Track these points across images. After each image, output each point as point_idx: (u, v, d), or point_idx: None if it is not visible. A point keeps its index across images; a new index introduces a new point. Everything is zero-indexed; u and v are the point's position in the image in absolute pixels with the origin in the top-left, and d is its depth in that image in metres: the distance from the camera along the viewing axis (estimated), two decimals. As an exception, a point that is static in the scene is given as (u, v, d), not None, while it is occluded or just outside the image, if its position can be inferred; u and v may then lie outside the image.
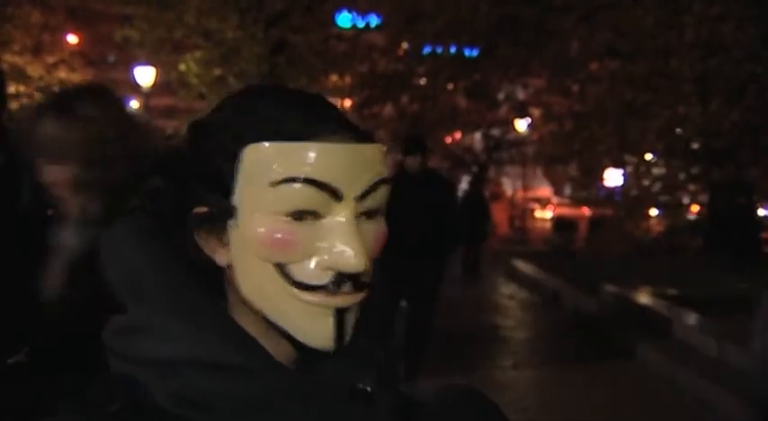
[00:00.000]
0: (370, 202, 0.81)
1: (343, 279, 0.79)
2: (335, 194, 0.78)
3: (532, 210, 32.32)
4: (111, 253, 0.84)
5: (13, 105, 20.52)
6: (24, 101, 20.72)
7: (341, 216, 0.79)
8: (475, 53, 22.23)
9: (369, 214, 0.82)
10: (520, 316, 10.33)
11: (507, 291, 12.67)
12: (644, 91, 11.62)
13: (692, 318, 7.51)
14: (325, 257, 0.78)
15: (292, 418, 0.79)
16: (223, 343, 0.79)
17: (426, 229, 5.70)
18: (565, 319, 9.84)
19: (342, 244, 0.78)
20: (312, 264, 0.79)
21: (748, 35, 9.58)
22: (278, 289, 0.79)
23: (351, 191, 0.79)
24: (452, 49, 22.35)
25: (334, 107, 0.86)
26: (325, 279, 0.79)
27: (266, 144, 0.78)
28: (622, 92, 12.04)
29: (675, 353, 6.80)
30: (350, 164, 0.79)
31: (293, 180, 0.77)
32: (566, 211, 27.72)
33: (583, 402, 5.92)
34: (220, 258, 0.82)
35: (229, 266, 0.82)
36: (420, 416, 0.91)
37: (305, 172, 0.77)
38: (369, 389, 0.85)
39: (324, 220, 0.79)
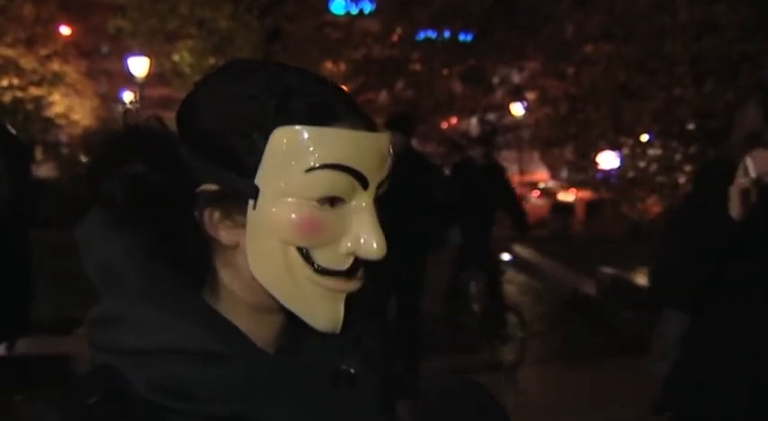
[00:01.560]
0: (382, 190, 0.82)
1: (359, 264, 0.80)
2: (364, 181, 0.79)
3: (555, 193, 32.32)
4: (85, 243, 0.83)
5: (7, 97, 20.45)
6: (18, 93, 20.67)
7: (364, 203, 0.80)
8: (469, 38, 22.18)
9: (376, 200, 0.82)
10: (518, 299, 10.35)
11: (506, 275, 12.70)
12: (639, 73, 11.60)
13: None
14: (348, 244, 0.79)
15: (274, 403, 0.79)
16: (201, 330, 0.78)
17: (404, 214, 5.51)
18: (563, 302, 9.86)
19: (366, 231, 0.79)
20: (335, 249, 0.79)
21: (740, 15, 9.57)
22: (296, 273, 0.79)
23: (375, 178, 0.80)
24: (447, 34, 22.30)
25: (345, 92, 0.85)
26: (345, 264, 0.80)
27: (301, 127, 0.77)
28: (617, 74, 12.02)
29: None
30: (375, 152, 0.80)
31: (330, 166, 0.77)
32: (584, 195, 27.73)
33: (582, 384, 5.95)
34: (227, 237, 0.81)
35: (236, 246, 0.81)
36: (417, 406, 0.92)
37: (341, 159, 0.77)
38: (352, 370, 0.85)
39: (347, 206, 0.79)
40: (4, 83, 20.20)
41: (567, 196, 31.46)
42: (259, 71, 0.82)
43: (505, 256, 7.38)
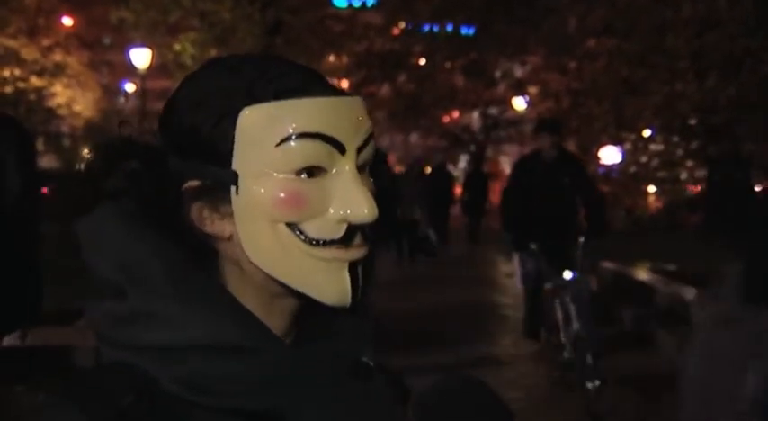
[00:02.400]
0: (365, 155, 0.81)
1: (354, 231, 0.79)
2: (340, 147, 0.78)
3: None
4: (96, 239, 0.81)
5: (8, 89, 20.44)
6: (19, 84, 20.66)
7: (346, 168, 0.78)
8: (471, 31, 22.17)
9: (361, 168, 0.81)
10: (519, 294, 10.35)
11: (506, 269, 12.70)
12: (640, 68, 11.60)
13: (690, 294, 7.53)
14: (338, 211, 0.78)
15: (298, 394, 0.79)
16: (228, 325, 0.77)
17: None
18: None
19: (353, 195, 0.78)
20: (325, 219, 0.78)
21: (743, 10, 9.56)
22: (291, 249, 0.78)
23: (352, 143, 0.79)
24: (449, 28, 22.30)
25: (311, 67, 0.85)
26: (339, 233, 0.78)
27: (266, 104, 0.77)
28: (619, 69, 12.02)
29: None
30: (348, 116, 0.79)
31: (300, 136, 0.76)
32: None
33: (581, 378, 5.94)
34: (220, 230, 0.80)
35: (230, 237, 0.80)
36: (417, 404, 0.91)
37: (311, 127, 0.76)
38: (371, 363, 0.85)
39: (330, 174, 0.78)
40: (6, 73, 20.19)
41: None
42: (230, 63, 0.83)
43: (568, 274, 5.77)
